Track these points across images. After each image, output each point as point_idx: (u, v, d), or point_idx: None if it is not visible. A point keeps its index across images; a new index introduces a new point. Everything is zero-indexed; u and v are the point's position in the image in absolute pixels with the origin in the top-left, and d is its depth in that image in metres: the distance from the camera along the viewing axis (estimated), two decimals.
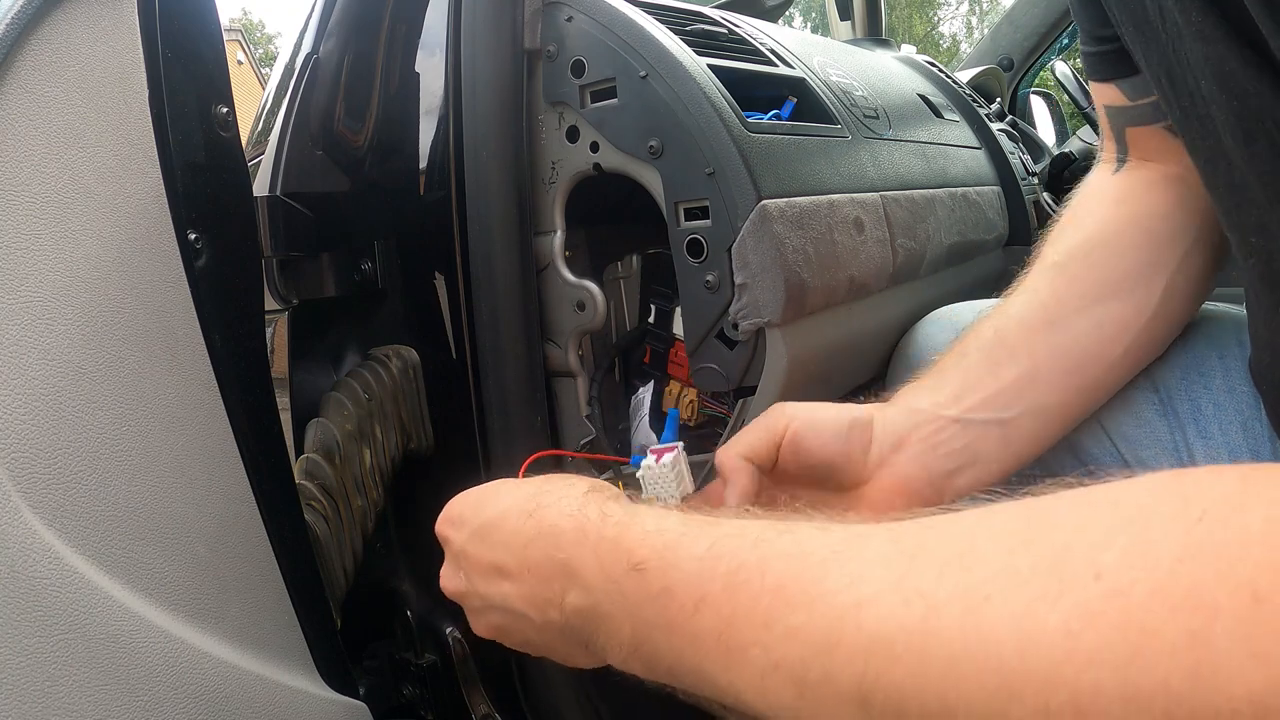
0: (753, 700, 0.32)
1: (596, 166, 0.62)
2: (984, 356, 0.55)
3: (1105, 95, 0.59)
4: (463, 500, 0.49)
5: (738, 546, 0.34)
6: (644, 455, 0.59)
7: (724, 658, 0.32)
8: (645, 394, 0.70)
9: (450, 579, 0.48)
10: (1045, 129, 1.88)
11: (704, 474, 0.63)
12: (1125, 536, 0.25)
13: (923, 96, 1.02)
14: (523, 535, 0.42)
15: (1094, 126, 1.60)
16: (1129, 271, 0.56)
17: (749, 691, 0.32)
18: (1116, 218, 0.58)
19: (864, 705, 0.28)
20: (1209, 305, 0.61)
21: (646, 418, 0.70)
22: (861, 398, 0.81)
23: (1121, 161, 0.62)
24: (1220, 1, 0.38)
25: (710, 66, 0.61)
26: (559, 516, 0.41)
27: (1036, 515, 0.28)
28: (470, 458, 0.68)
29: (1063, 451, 0.59)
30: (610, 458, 0.68)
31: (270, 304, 0.67)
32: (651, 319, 0.71)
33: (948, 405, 0.54)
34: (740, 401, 0.62)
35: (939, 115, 1.02)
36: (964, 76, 1.40)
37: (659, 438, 0.69)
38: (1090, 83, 0.60)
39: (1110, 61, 0.56)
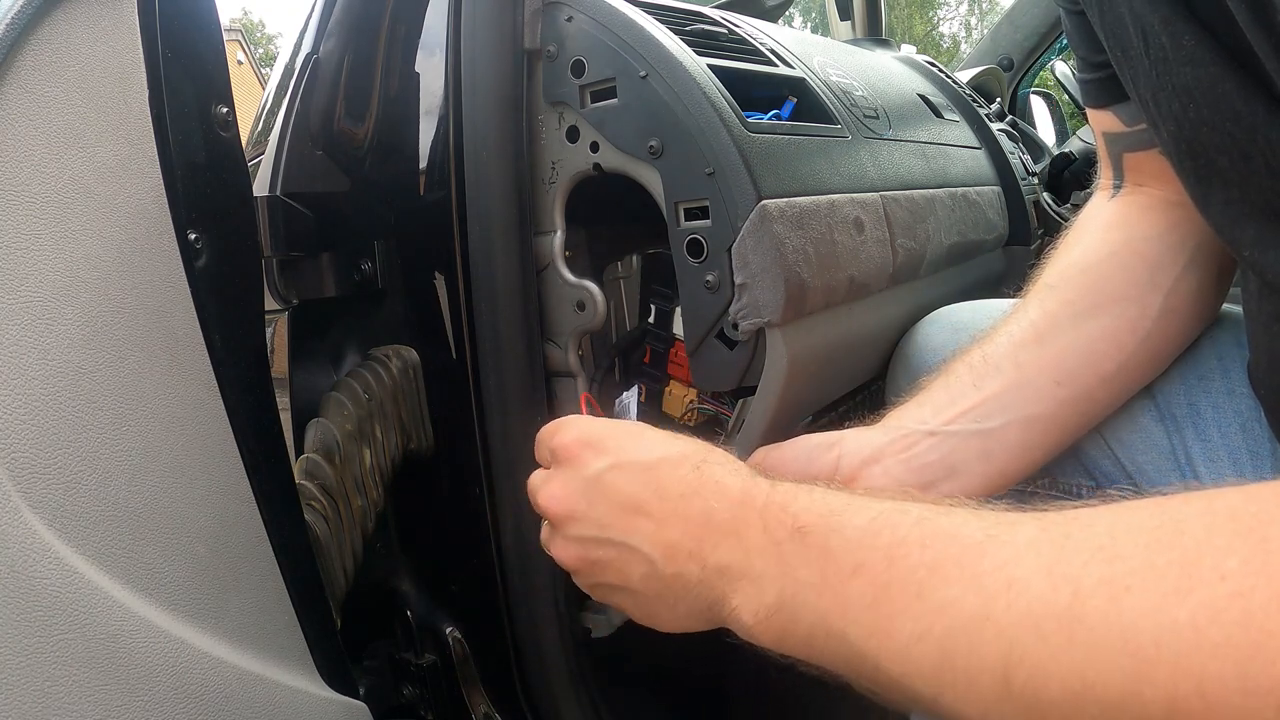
0: (890, 667, 0.34)
1: (596, 166, 0.62)
2: (968, 373, 0.55)
3: (1102, 122, 0.60)
4: (602, 427, 0.48)
5: (900, 521, 0.36)
6: None
7: (871, 623, 0.35)
8: (630, 399, 0.70)
9: (567, 498, 0.46)
10: (1045, 129, 1.88)
11: None
12: (1246, 545, 0.28)
13: (923, 96, 1.02)
14: (684, 484, 0.43)
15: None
16: (1122, 290, 0.56)
17: (889, 658, 0.34)
18: (1109, 241, 0.58)
19: (1006, 679, 0.30)
20: None
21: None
22: (844, 408, 0.81)
23: (1118, 188, 0.62)
24: (1213, 27, 0.38)
25: (710, 66, 0.61)
26: (726, 475, 0.42)
27: (1169, 518, 0.30)
28: (470, 458, 0.68)
29: (1066, 457, 0.59)
30: None
31: (270, 304, 0.67)
32: (651, 319, 0.70)
33: (926, 420, 0.54)
34: (740, 401, 0.62)
35: (939, 115, 1.02)
36: (964, 76, 1.40)
37: None
38: (1088, 110, 0.61)
39: (1106, 88, 0.56)
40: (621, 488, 0.44)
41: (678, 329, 0.67)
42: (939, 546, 0.34)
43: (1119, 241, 0.58)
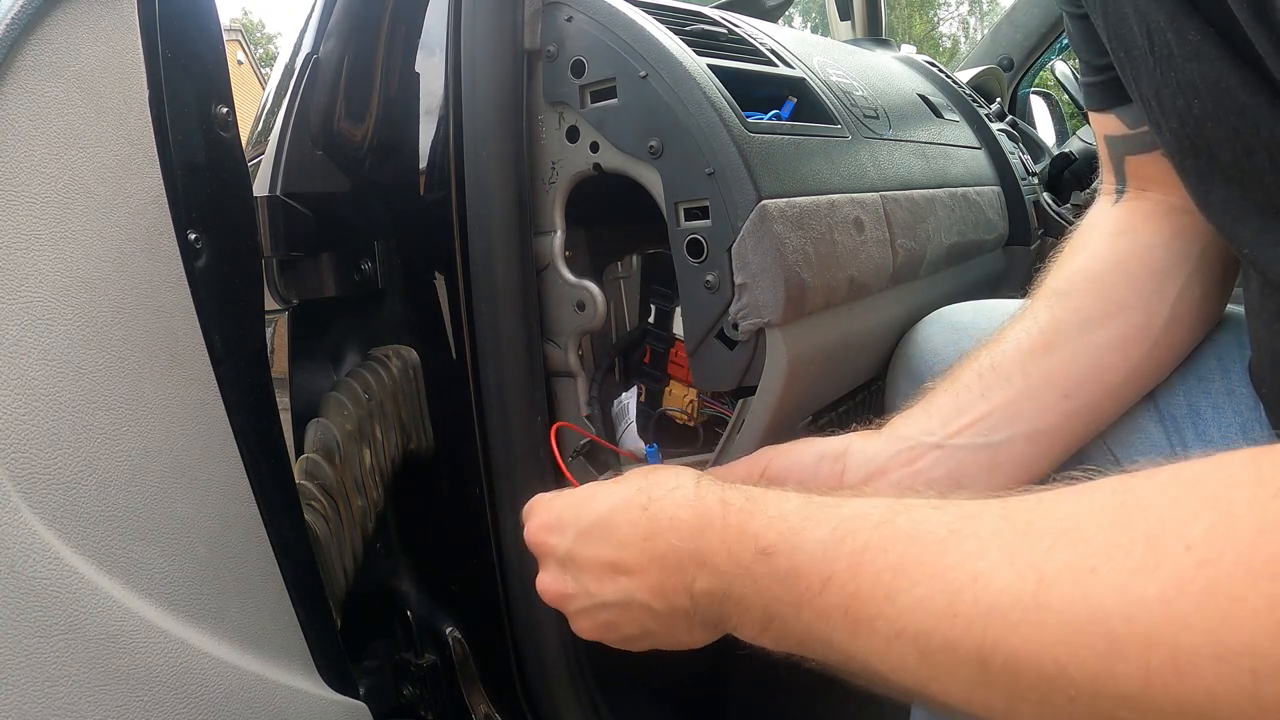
0: (879, 666, 0.35)
1: (596, 166, 0.62)
2: (977, 381, 0.55)
3: (1105, 125, 0.60)
4: (554, 505, 0.50)
5: (859, 527, 0.37)
6: (655, 447, 0.60)
7: (851, 629, 0.36)
8: (629, 399, 0.70)
9: (555, 582, 0.49)
10: (1045, 129, 1.88)
11: None
12: (1211, 512, 0.28)
13: (923, 96, 1.02)
14: (641, 529, 0.44)
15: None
16: (1129, 298, 0.56)
17: (874, 658, 0.35)
18: (1117, 248, 0.58)
19: (983, 667, 0.31)
20: None
21: (634, 424, 0.70)
22: (844, 408, 0.81)
23: (1120, 193, 0.62)
24: (1217, 23, 0.38)
25: (710, 66, 0.61)
26: (676, 508, 0.44)
27: (1131, 494, 0.31)
28: (470, 458, 0.68)
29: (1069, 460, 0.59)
30: (624, 452, 0.68)
31: (270, 304, 0.67)
32: (651, 319, 0.70)
33: (933, 431, 0.54)
34: (740, 401, 0.62)
35: (939, 115, 1.02)
36: (964, 76, 1.40)
37: (646, 446, 0.69)
38: (1090, 113, 0.61)
39: (1109, 90, 0.56)
40: (590, 555, 0.46)
41: (678, 329, 0.67)
42: (901, 548, 0.35)
43: (1126, 249, 0.58)
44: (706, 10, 0.77)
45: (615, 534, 0.45)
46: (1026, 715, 0.31)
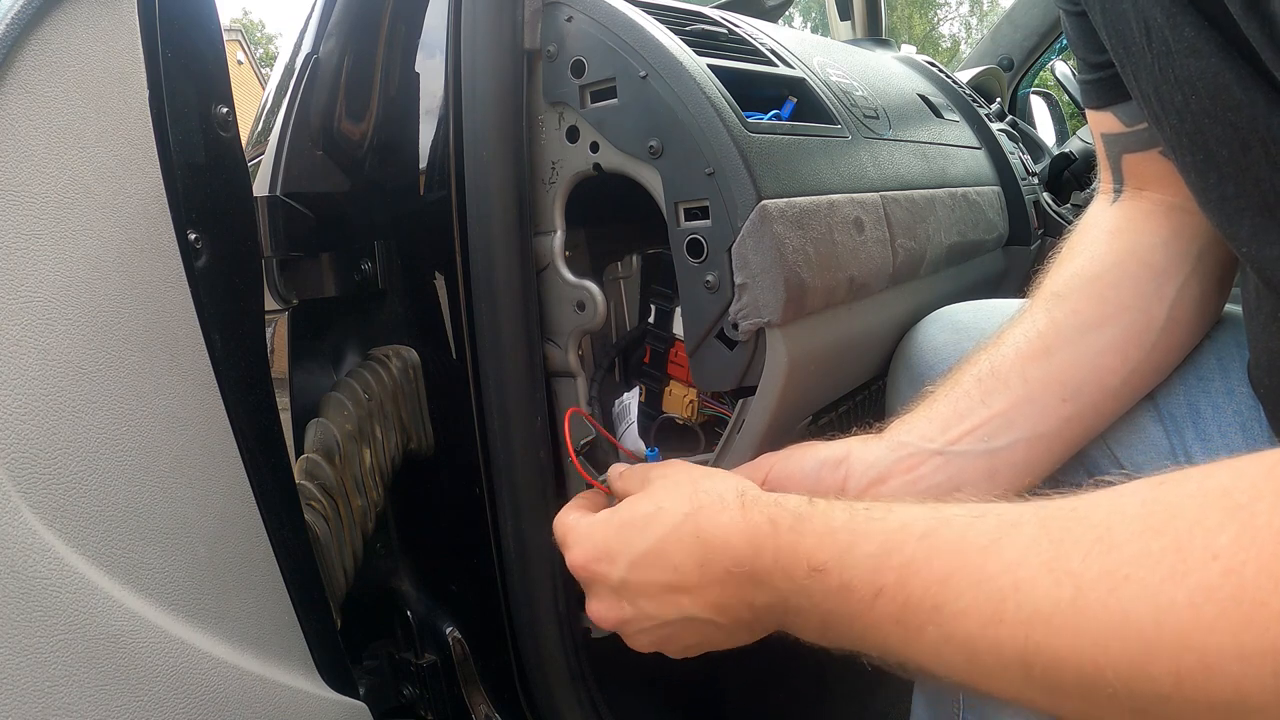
0: (930, 667, 0.38)
1: (596, 166, 0.62)
2: (976, 386, 0.55)
3: (1102, 123, 0.60)
4: (595, 534, 0.51)
5: (905, 540, 0.39)
6: (656, 450, 0.60)
7: (902, 636, 0.38)
8: (631, 400, 0.70)
9: (611, 610, 0.50)
10: (1045, 129, 1.88)
11: None
12: (1236, 522, 0.30)
13: (923, 96, 1.02)
14: (695, 556, 0.46)
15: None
16: (1128, 300, 0.56)
17: (926, 660, 0.38)
18: (1115, 249, 0.58)
19: (1027, 669, 0.34)
20: None
21: (635, 424, 0.70)
22: (844, 408, 0.81)
23: (1118, 192, 0.62)
24: (1213, 20, 0.39)
25: (710, 66, 0.61)
26: (727, 533, 0.45)
27: (1162, 503, 0.33)
28: (470, 458, 0.68)
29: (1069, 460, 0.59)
30: (626, 450, 0.68)
31: (270, 304, 0.67)
32: (651, 319, 0.70)
33: (933, 438, 0.54)
34: (740, 402, 0.62)
35: (939, 115, 1.02)
36: (964, 76, 1.40)
37: (647, 449, 0.69)
38: (1088, 112, 0.60)
39: (1106, 88, 0.57)
40: (649, 581, 0.48)
41: (678, 329, 0.67)
42: (946, 559, 0.37)
43: (1124, 250, 0.58)
44: (706, 10, 0.77)
45: (670, 560, 0.47)
46: (1070, 710, 0.34)
